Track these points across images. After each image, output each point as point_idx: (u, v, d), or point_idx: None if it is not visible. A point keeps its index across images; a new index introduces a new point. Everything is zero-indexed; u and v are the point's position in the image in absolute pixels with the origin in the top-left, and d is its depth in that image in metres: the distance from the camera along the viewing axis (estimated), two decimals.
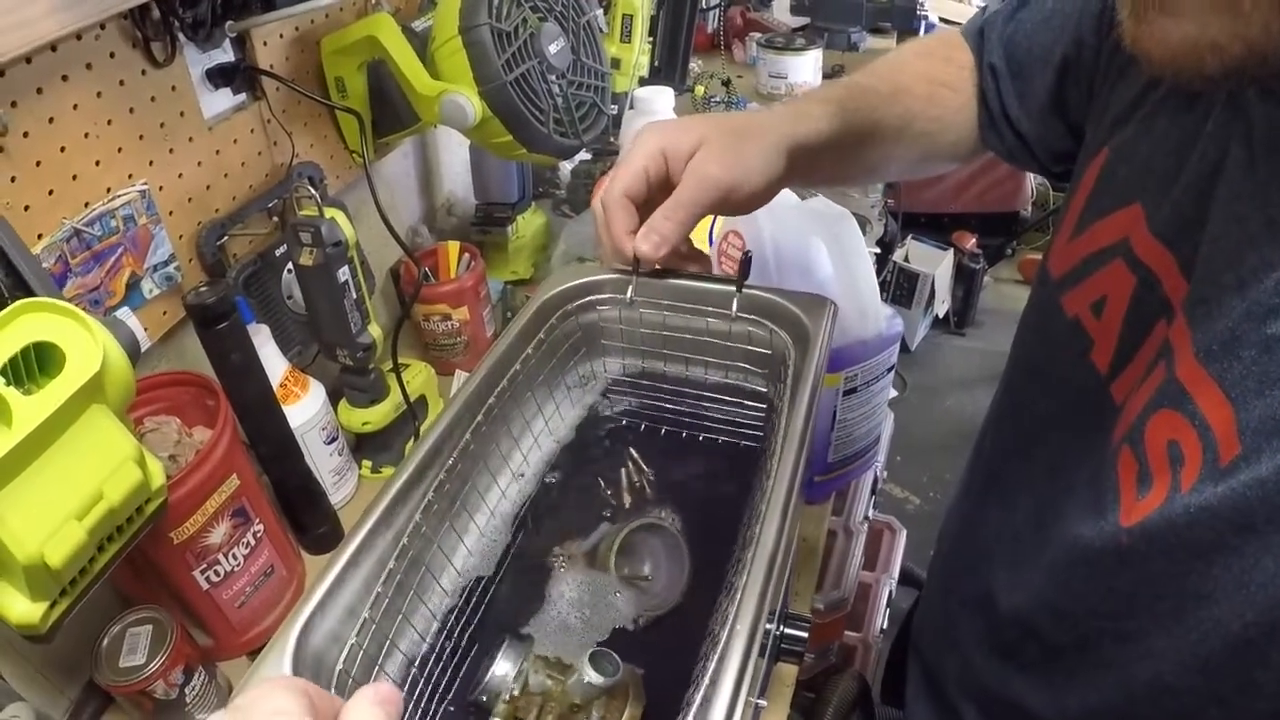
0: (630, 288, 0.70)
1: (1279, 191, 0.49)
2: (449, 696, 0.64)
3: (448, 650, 0.65)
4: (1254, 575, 0.47)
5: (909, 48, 0.87)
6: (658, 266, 0.70)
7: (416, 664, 0.63)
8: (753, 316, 0.71)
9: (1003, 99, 0.79)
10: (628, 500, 0.78)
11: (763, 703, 0.64)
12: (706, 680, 0.44)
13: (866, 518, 1.51)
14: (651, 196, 0.67)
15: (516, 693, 0.62)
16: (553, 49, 1.01)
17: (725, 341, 0.75)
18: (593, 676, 0.61)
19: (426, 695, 0.63)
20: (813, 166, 0.72)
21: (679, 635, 0.66)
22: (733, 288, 0.70)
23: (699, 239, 1.02)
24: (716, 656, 0.43)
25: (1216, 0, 0.43)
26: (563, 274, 0.77)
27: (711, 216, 1.02)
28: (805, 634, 0.64)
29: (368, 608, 0.56)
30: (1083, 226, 0.66)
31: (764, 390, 0.78)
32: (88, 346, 0.58)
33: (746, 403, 0.79)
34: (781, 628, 0.65)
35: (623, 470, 0.80)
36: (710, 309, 0.73)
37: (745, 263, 0.70)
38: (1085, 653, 0.62)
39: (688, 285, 0.73)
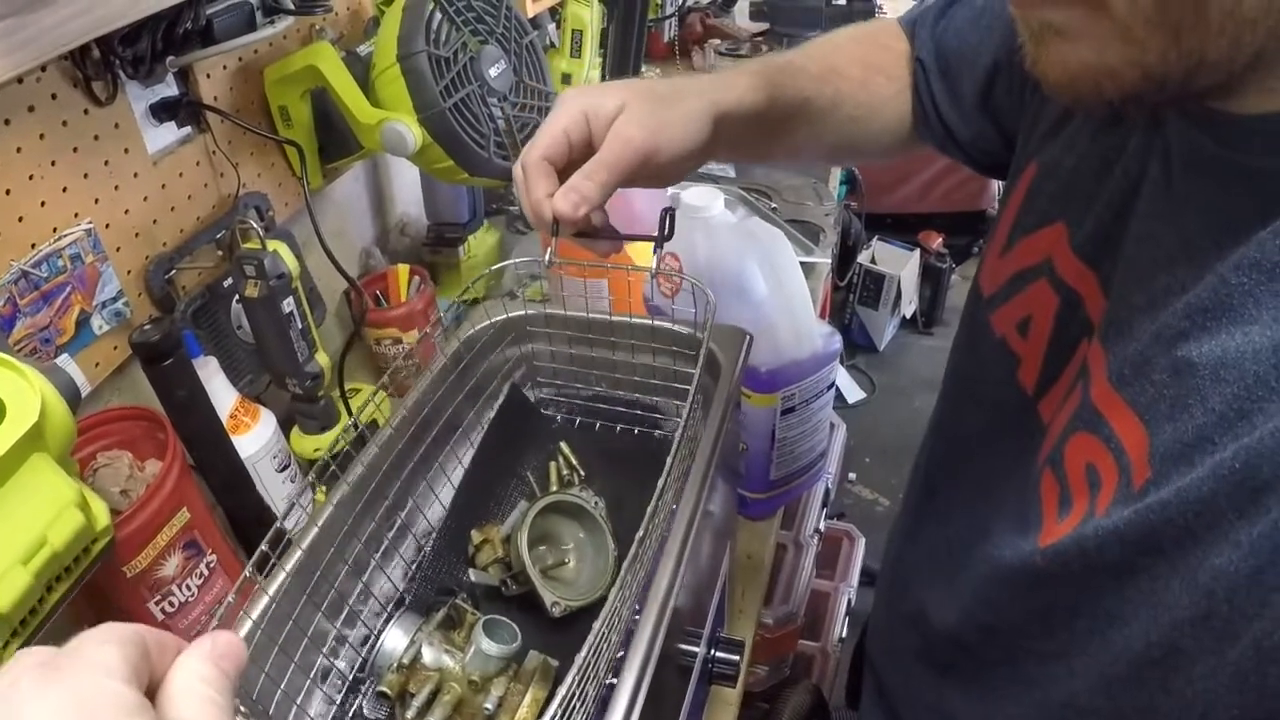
0: (549, 250, 0.67)
1: (1193, 211, 0.49)
2: (360, 688, 0.63)
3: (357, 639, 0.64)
4: (1163, 597, 0.47)
5: (845, 32, 0.85)
6: (576, 231, 0.66)
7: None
8: (672, 348, 0.72)
9: (934, 95, 0.78)
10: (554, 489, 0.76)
11: None
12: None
13: (818, 530, 1.51)
14: (573, 160, 0.65)
15: (406, 662, 0.58)
16: (493, 71, 1.02)
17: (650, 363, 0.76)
18: (489, 646, 0.57)
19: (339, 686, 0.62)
20: (738, 138, 0.70)
21: None
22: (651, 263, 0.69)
23: (643, 258, 1.03)
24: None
25: (1112, 27, 0.43)
26: (487, 309, 0.78)
27: (654, 247, 1.03)
28: (738, 657, 0.67)
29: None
30: (1012, 242, 0.66)
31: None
32: (26, 397, 0.59)
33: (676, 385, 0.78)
34: (714, 652, 0.67)
35: (551, 464, 0.79)
36: (630, 341, 0.74)
37: (667, 217, 0.68)
38: (1011, 669, 0.62)
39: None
